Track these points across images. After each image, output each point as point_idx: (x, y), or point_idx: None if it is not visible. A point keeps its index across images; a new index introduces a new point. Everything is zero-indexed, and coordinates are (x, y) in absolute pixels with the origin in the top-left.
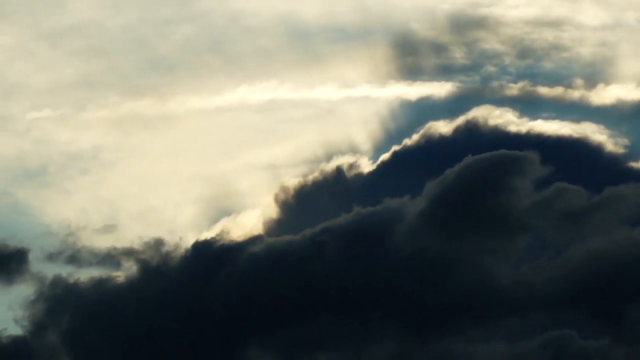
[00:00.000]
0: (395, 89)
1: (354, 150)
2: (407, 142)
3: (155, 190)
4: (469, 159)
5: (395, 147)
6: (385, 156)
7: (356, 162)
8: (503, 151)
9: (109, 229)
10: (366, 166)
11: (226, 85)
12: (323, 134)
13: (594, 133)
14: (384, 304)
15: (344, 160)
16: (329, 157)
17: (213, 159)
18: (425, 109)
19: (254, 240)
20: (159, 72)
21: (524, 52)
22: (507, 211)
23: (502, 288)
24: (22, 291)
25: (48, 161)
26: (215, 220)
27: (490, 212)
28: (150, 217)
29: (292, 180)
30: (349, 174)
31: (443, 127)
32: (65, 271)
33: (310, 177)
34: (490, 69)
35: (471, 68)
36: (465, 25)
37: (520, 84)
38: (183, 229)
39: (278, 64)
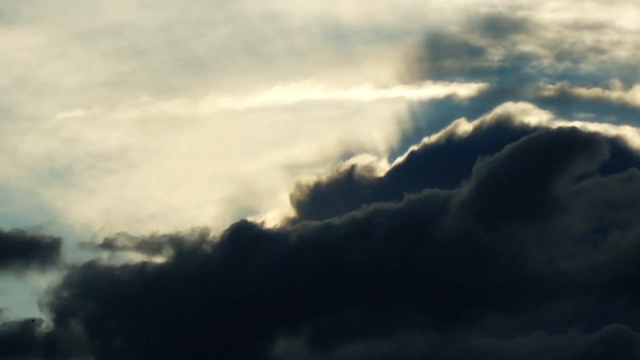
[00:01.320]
0: (429, 90)
1: (375, 149)
2: (432, 140)
3: (178, 191)
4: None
5: (414, 146)
6: (407, 154)
7: (377, 160)
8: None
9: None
10: (385, 165)
11: (259, 86)
12: (349, 133)
13: (632, 134)
14: (415, 293)
15: (364, 160)
16: (347, 156)
17: (236, 159)
18: (459, 110)
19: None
20: (193, 72)
21: (562, 54)
22: (551, 198)
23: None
24: (54, 279)
25: (74, 161)
26: (236, 220)
27: (534, 199)
28: (171, 218)
29: (308, 179)
30: (370, 172)
31: (470, 125)
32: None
33: (326, 176)
34: (528, 70)
35: (508, 70)
36: (503, 28)
37: (557, 85)
38: None
39: (313, 64)
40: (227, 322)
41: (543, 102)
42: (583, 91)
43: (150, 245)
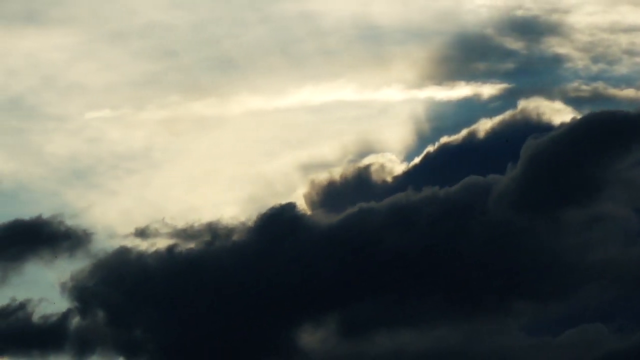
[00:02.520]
0: (460, 90)
1: (395, 149)
2: (454, 138)
3: (198, 191)
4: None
5: (430, 147)
6: (424, 154)
7: (395, 160)
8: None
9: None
10: (402, 165)
11: (289, 86)
12: (371, 133)
13: None
14: (445, 283)
15: (381, 159)
16: (365, 155)
17: (258, 159)
18: (490, 110)
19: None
20: (224, 72)
21: (597, 57)
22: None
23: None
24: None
25: (98, 161)
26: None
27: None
28: (189, 218)
29: (322, 178)
30: (386, 171)
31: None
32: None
33: (340, 175)
34: (561, 72)
35: (541, 71)
36: (538, 31)
37: (591, 86)
38: None
39: (344, 65)
40: (255, 311)
41: (576, 103)
42: (617, 92)
43: (180, 234)
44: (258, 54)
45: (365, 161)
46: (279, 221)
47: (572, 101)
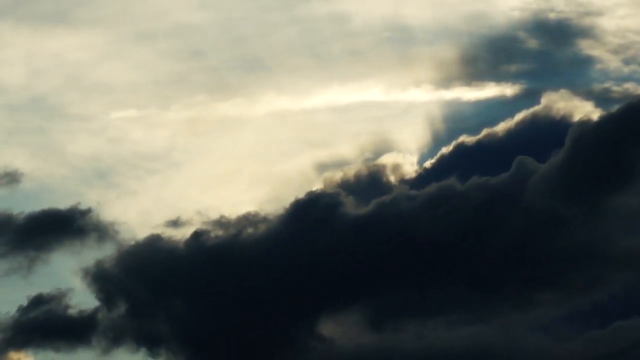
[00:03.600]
0: (489, 91)
1: (412, 149)
2: (473, 138)
3: (215, 191)
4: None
5: (445, 148)
6: (438, 156)
7: (409, 159)
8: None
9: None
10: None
11: (317, 87)
12: (393, 133)
13: None
14: (474, 273)
15: (396, 159)
16: (381, 155)
17: (277, 159)
18: (518, 112)
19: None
20: (252, 72)
21: (628, 59)
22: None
23: None
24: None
25: (119, 161)
26: None
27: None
28: (206, 219)
29: (335, 176)
30: (402, 171)
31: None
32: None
33: (354, 173)
34: (592, 74)
35: (572, 73)
36: (570, 34)
37: (622, 87)
38: None
39: (374, 65)
40: (285, 297)
41: (606, 103)
42: None
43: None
44: (286, 54)
45: (382, 160)
46: (311, 209)
47: (603, 102)
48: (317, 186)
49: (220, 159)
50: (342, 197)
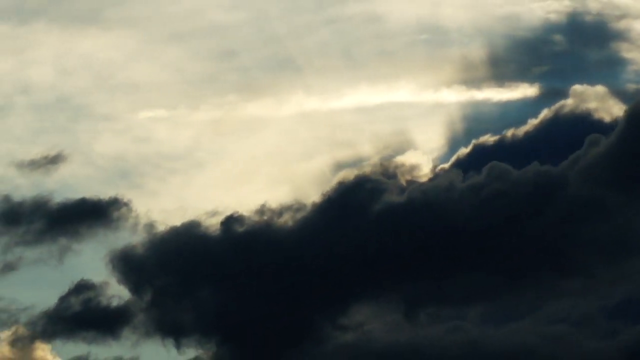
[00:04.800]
0: (521, 92)
1: (432, 149)
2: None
3: (234, 191)
4: None
5: (464, 148)
6: (455, 157)
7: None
8: None
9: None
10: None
11: (347, 87)
12: (415, 133)
13: None
14: (515, 261)
15: (411, 159)
16: (397, 154)
17: (297, 160)
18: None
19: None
20: (283, 73)
21: None
22: None
23: None
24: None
25: (144, 161)
26: None
27: None
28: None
29: (349, 175)
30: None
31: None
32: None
33: (367, 173)
34: (625, 75)
35: (604, 75)
36: (605, 36)
37: None
38: None
39: (406, 66)
40: (319, 284)
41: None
42: None
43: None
44: (317, 54)
45: (398, 160)
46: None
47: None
48: (332, 185)
49: (241, 159)
50: (378, 185)
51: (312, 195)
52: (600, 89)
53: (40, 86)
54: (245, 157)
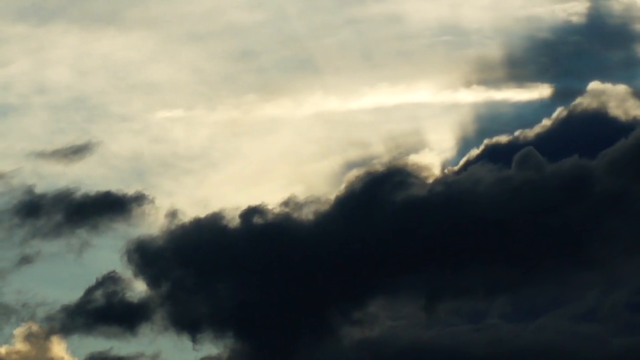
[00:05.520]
0: (541, 92)
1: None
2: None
3: (246, 191)
4: None
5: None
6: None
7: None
8: None
9: None
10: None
11: (366, 88)
12: (432, 133)
13: None
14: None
15: (424, 158)
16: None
17: (310, 160)
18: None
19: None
20: (302, 73)
21: None
22: None
23: None
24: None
25: (157, 161)
26: None
27: None
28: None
29: (358, 174)
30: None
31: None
32: None
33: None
34: None
35: (623, 76)
36: (627, 38)
37: None
38: None
39: (426, 67)
40: (339, 274)
41: None
42: None
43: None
44: (337, 55)
45: (408, 160)
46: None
47: None
48: (343, 185)
49: (256, 160)
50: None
51: (327, 194)
52: (619, 87)
53: (58, 86)
54: (260, 157)
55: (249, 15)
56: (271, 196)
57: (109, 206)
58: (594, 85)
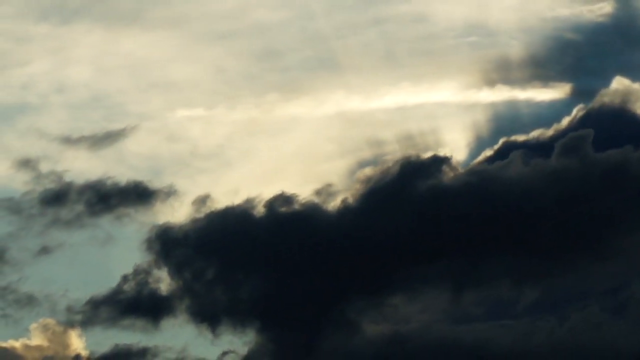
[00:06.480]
0: (558, 93)
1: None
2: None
3: (257, 192)
4: None
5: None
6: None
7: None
8: None
9: None
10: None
11: (389, 88)
12: (449, 132)
13: None
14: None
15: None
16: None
17: (324, 159)
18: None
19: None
20: (325, 73)
21: None
22: None
23: None
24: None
25: (173, 160)
26: None
27: None
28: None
29: (368, 172)
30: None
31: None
32: None
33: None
34: None
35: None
36: None
37: None
38: None
39: (450, 67)
40: (364, 261)
41: None
42: None
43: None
44: (361, 55)
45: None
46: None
47: None
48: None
49: (269, 158)
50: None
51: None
52: None
53: (77, 85)
54: (276, 155)
55: (274, 14)
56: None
57: (132, 198)
58: (618, 81)
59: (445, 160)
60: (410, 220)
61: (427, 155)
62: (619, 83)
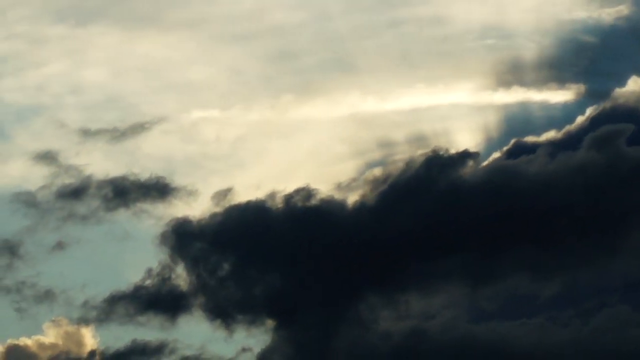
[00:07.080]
0: (572, 93)
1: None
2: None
3: (263, 192)
4: None
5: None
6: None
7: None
8: None
9: None
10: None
11: (404, 89)
12: (460, 133)
13: None
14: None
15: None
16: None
17: (336, 161)
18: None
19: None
20: (341, 74)
21: None
22: None
23: None
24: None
25: (185, 162)
26: None
27: None
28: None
29: (376, 173)
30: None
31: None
32: None
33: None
34: None
35: None
36: None
37: None
38: None
39: (466, 68)
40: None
41: None
42: None
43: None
44: (378, 56)
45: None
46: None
47: None
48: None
49: (282, 160)
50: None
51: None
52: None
53: (92, 86)
54: (286, 156)
55: (291, 15)
56: None
57: (152, 194)
58: (634, 81)
59: (474, 155)
60: (431, 217)
61: (456, 151)
62: (635, 83)
